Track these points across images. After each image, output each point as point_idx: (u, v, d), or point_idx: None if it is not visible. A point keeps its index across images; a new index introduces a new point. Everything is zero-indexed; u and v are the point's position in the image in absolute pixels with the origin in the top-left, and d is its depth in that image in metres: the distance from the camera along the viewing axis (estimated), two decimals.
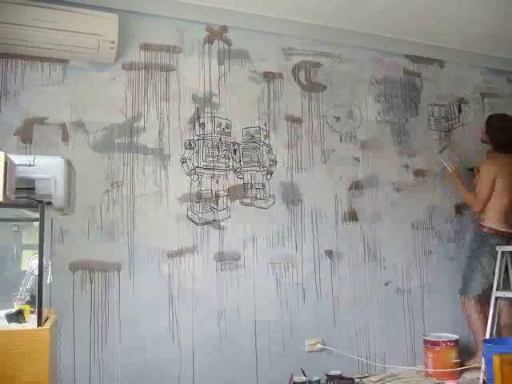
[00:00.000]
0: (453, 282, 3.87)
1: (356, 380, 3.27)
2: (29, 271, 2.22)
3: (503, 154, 3.73)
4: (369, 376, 3.45)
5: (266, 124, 3.49)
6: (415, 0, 3.37)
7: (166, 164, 3.18)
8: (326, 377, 3.18)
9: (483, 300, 3.52)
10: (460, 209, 4.05)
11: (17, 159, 2.01)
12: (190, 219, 3.19)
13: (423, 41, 4.01)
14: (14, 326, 2.02)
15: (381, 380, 3.37)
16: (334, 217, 3.60)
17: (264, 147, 3.46)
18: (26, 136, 2.88)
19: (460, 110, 4.18)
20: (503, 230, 3.59)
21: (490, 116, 3.94)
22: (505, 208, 3.63)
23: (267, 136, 3.48)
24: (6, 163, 1.80)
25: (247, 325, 3.25)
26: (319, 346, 3.40)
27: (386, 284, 3.70)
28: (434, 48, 4.09)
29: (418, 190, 3.92)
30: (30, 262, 2.21)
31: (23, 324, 2.05)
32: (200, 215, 3.22)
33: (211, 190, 3.28)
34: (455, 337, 3.52)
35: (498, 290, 3.38)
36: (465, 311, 3.64)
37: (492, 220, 3.61)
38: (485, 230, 3.63)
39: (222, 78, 3.41)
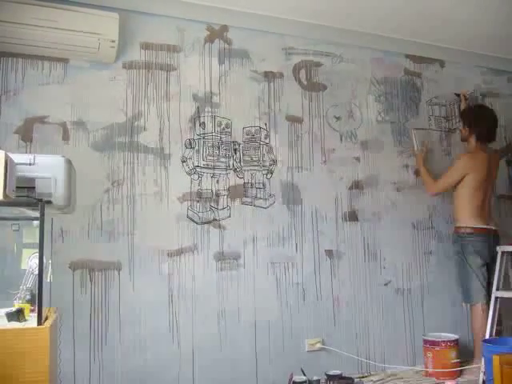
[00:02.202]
0: (453, 282, 3.86)
1: (356, 380, 3.27)
2: (29, 270, 2.22)
3: (484, 147, 3.72)
4: (369, 376, 3.45)
5: (266, 123, 3.49)
6: (416, 0, 3.37)
7: (167, 163, 3.18)
8: (325, 376, 3.18)
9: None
10: None
11: (17, 158, 2.01)
12: (190, 218, 3.19)
13: (424, 41, 4.01)
14: (14, 325, 2.02)
15: (381, 380, 3.37)
16: (334, 217, 3.60)
17: (264, 147, 3.46)
18: (27, 135, 2.88)
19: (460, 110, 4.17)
20: (479, 226, 3.57)
21: (463, 110, 3.96)
22: (477, 206, 3.61)
23: (267, 135, 3.48)
24: (6, 162, 1.81)
25: (247, 324, 3.25)
26: (319, 345, 3.40)
27: (386, 284, 3.70)
28: (434, 48, 4.08)
29: (418, 189, 3.91)
30: (29, 261, 2.21)
31: (23, 323, 2.06)
32: (200, 214, 3.22)
33: (211, 190, 3.27)
34: (455, 337, 3.52)
35: (497, 289, 3.38)
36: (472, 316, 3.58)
37: (467, 219, 3.60)
38: (462, 230, 3.62)
39: (223, 77, 3.41)
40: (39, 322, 2.00)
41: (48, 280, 2.22)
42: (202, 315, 3.13)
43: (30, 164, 2.10)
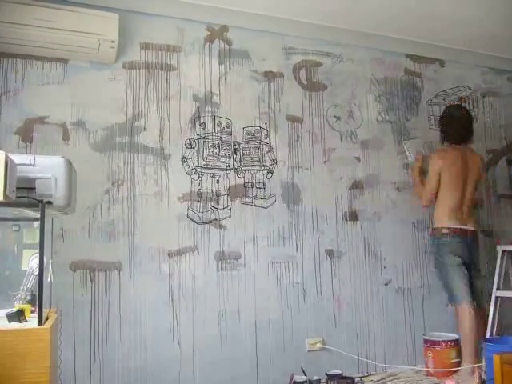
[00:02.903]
0: None
1: (356, 379, 3.27)
2: (29, 271, 2.22)
3: (454, 146, 3.60)
4: (369, 375, 3.46)
5: (266, 123, 3.49)
6: (416, 0, 3.36)
7: (167, 163, 3.18)
8: (326, 376, 3.18)
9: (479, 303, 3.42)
10: None
11: (17, 159, 2.01)
12: (191, 218, 3.19)
13: (424, 40, 4.01)
14: (15, 326, 2.02)
15: (381, 379, 3.37)
16: (334, 216, 3.60)
17: (264, 146, 3.46)
18: (27, 135, 2.88)
19: None
20: (454, 226, 3.44)
21: (445, 108, 3.86)
22: (453, 204, 3.47)
23: (268, 135, 3.48)
24: (6, 162, 1.81)
25: (247, 324, 3.25)
26: (319, 345, 3.40)
27: (387, 283, 3.70)
28: (434, 47, 4.09)
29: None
30: (30, 262, 2.21)
31: (24, 323, 2.06)
32: (200, 214, 3.22)
33: (212, 190, 3.27)
34: (455, 336, 3.51)
35: (498, 289, 3.39)
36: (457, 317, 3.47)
37: (442, 220, 3.49)
38: (438, 231, 3.50)
39: (223, 77, 3.41)
40: (40, 323, 2.00)
41: (48, 280, 2.22)
42: (202, 315, 3.14)
43: (30, 165, 2.10)
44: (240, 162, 3.38)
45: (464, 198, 3.53)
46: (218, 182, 3.30)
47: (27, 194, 2.08)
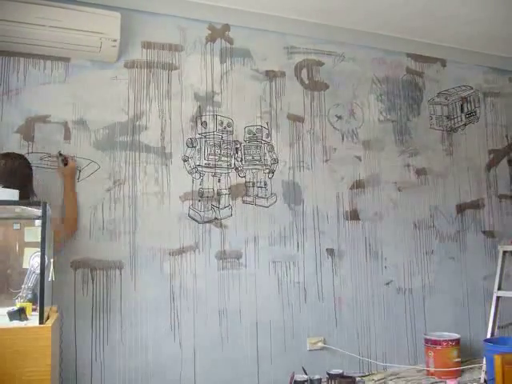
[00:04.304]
0: (454, 281, 3.87)
1: (357, 379, 3.27)
2: (31, 269, 2.22)
3: None
4: (370, 375, 3.46)
5: (267, 123, 3.49)
6: None
7: (168, 162, 3.18)
8: (327, 375, 3.18)
9: None
10: (461, 208, 4.05)
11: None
12: (192, 218, 3.19)
13: (425, 40, 4.00)
14: (16, 324, 2.03)
15: (382, 379, 3.37)
16: (335, 216, 3.60)
17: (266, 146, 3.46)
18: (28, 134, 2.88)
19: (462, 109, 4.18)
20: None
21: None
22: None
23: (269, 135, 3.48)
24: None
25: (248, 324, 3.25)
26: (320, 344, 3.40)
27: (388, 283, 3.70)
28: (436, 47, 4.08)
29: (419, 189, 3.91)
30: (31, 260, 2.21)
31: (25, 322, 2.06)
32: (202, 214, 3.22)
33: (213, 189, 3.27)
34: (456, 336, 3.51)
35: (499, 289, 3.38)
36: None
37: None
38: None
39: (224, 76, 3.41)
40: (41, 321, 2.01)
41: (50, 279, 2.22)
42: (203, 314, 3.14)
43: None
44: (241, 161, 3.38)
45: None
46: (219, 181, 3.30)
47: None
